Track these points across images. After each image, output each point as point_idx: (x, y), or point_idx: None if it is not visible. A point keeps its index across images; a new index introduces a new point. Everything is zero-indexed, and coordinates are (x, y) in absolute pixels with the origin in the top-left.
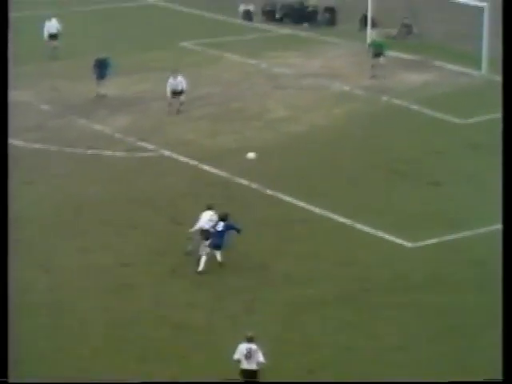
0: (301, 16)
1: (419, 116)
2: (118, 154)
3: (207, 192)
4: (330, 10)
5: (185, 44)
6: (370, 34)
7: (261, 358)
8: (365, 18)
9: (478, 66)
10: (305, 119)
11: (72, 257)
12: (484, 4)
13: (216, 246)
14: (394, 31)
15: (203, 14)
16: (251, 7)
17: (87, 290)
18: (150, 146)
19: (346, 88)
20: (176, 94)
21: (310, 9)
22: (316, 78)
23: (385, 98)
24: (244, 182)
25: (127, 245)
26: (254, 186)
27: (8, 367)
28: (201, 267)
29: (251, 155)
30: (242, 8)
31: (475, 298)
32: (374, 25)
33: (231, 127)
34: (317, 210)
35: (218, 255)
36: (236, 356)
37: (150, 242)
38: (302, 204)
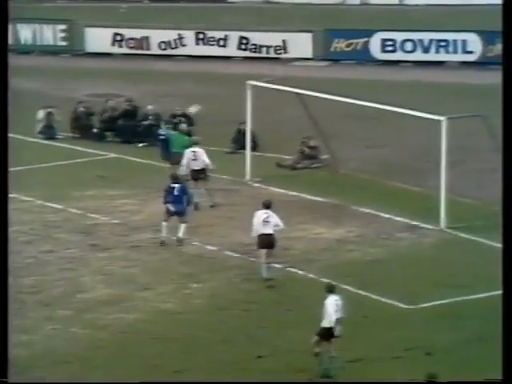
0: (133, 131)
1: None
2: None
3: None
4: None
5: None
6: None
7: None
8: (241, 133)
9: (434, 217)
10: (141, 301)
11: None
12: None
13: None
14: (289, 158)
15: None
16: (54, 116)
17: None
18: None
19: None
20: None
21: (148, 121)
22: (159, 231)
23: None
24: None
25: None
26: None
27: (8, 367)
28: None
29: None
30: (40, 116)
31: None
32: (255, 146)
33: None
34: None
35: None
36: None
37: None
38: None
